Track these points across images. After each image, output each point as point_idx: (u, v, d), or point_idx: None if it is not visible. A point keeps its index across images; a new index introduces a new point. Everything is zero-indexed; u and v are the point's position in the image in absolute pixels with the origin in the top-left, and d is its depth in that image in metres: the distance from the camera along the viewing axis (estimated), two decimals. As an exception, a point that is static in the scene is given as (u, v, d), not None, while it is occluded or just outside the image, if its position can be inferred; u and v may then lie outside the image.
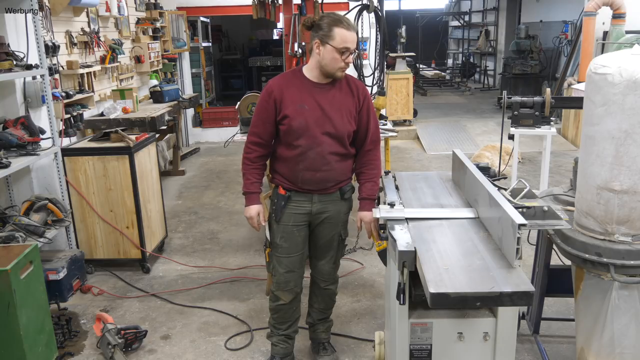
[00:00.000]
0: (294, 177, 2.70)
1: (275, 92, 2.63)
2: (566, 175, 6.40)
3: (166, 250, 4.76)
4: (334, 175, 2.73)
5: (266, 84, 2.71)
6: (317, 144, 2.63)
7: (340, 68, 2.58)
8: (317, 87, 2.65)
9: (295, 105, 2.61)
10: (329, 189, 2.75)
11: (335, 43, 2.51)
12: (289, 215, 2.75)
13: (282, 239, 2.78)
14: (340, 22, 2.51)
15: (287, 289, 2.85)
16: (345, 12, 4.58)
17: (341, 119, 2.66)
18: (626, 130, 2.05)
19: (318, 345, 3.12)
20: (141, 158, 4.29)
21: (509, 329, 2.08)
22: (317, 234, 2.87)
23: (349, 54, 2.55)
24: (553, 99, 4.44)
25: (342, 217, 2.87)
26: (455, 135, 9.08)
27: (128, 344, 3.22)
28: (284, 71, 2.77)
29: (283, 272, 2.82)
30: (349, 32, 2.52)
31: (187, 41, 8.73)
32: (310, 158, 2.64)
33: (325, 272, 2.95)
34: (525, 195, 2.41)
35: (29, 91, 4.12)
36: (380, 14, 4.24)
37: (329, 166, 2.68)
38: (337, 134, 2.66)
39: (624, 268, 2.13)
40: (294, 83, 2.65)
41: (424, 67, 17.37)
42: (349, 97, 2.70)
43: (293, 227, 2.77)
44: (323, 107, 2.63)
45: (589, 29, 7.33)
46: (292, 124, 2.61)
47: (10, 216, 3.77)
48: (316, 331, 3.12)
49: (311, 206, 2.76)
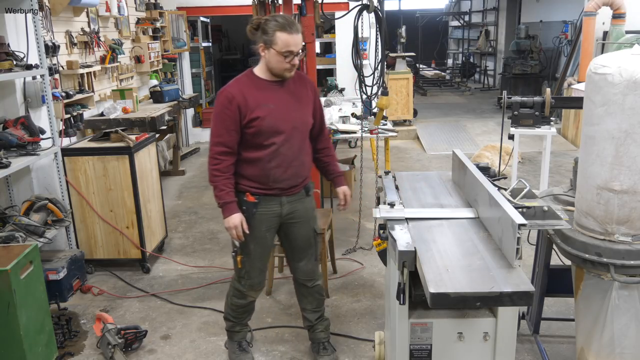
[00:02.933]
0: (265, 177, 2.71)
1: (237, 97, 2.61)
2: (566, 175, 6.40)
3: (166, 250, 4.76)
4: (303, 170, 2.80)
5: (222, 92, 2.67)
6: (288, 140, 2.69)
7: (286, 69, 2.63)
8: (274, 85, 2.70)
9: (261, 106, 2.63)
10: (296, 188, 2.80)
11: (278, 47, 2.56)
12: (260, 221, 2.77)
13: (255, 245, 2.81)
14: (283, 27, 2.55)
15: (259, 289, 2.96)
16: (345, 12, 4.59)
17: (303, 112, 2.77)
18: (626, 130, 2.05)
19: (318, 345, 3.13)
20: (141, 158, 4.29)
21: (509, 329, 2.08)
22: (293, 235, 2.90)
23: (292, 57, 2.59)
24: (553, 99, 4.44)
25: (311, 212, 2.94)
26: (455, 135, 9.08)
27: (128, 344, 3.22)
28: None
29: (257, 274, 2.89)
30: (291, 37, 2.56)
31: (187, 41, 8.73)
32: (282, 154, 2.68)
33: (309, 271, 3.00)
34: (525, 195, 2.41)
35: (29, 91, 4.12)
36: (381, 14, 4.24)
37: (299, 160, 2.76)
38: (303, 126, 2.76)
39: (624, 268, 2.13)
40: (252, 85, 2.67)
41: (424, 67, 17.37)
42: (304, 90, 2.80)
43: (265, 232, 2.81)
44: (285, 104, 2.70)
45: (589, 29, 7.33)
46: (262, 125, 2.62)
47: (10, 216, 3.77)
48: (315, 332, 3.13)
49: (281, 208, 2.79)
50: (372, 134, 4.72)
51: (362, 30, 4.29)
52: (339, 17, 4.77)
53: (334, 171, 3.03)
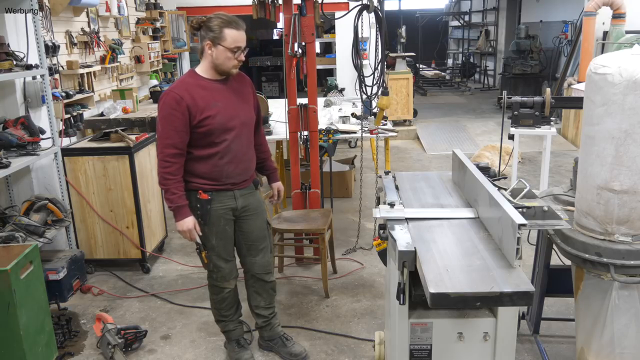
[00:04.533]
0: (217, 173, 2.75)
1: (185, 98, 2.63)
2: (566, 175, 6.40)
3: (166, 250, 4.76)
4: (252, 164, 2.92)
5: (167, 94, 2.67)
6: (238, 136, 2.76)
7: (234, 65, 2.69)
8: (218, 84, 2.74)
9: (210, 105, 2.67)
10: (247, 182, 2.89)
11: (227, 44, 2.61)
12: (217, 217, 2.80)
13: (217, 239, 2.85)
14: (229, 23, 2.61)
15: (232, 277, 2.99)
16: (345, 12, 4.58)
17: (247, 108, 2.85)
18: (626, 130, 2.05)
19: (280, 339, 3.16)
20: (141, 158, 4.29)
21: (509, 329, 2.08)
22: (248, 228, 2.95)
23: (240, 52, 2.66)
24: (553, 99, 4.44)
25: (262, 205, 3.01)
26: (455, 135, 9.08)
27: (128, 344, 3.22)
28: (184, 78, 2.83)
29: (225, 265, 2.93)
30: (238, 32, 2.63)
31: (187, 41, 8.74)
32: (234, 150, 2.75)
33: (266, 263, 3.04)
34: (525, 195, 2.41)
35: (29, 91, 4.12)
36: (381, 14, 4.23)
37: (248, 155, 2.86)
38: (250, 121, 2.86)
39: (624, 268, 2.13)
40: (197, 85, 2.70)
41: (424, 67, 17.37)
42: (245, 87, 2.89)
43: (225, 226, 2.85)
44: (231, 101, 2.76)
45: (589, 29, 7.33)
46: (213, 123, 2.66)
47: (10, 216, 3.78)
48: (273, 327, 3.16)
49: (235, 202, 2.84)
50: (372, 134, 4.72)
51: (362, 30, 4.29)
52: (339, 17, 4.76)
53: (269, 167, 3.15)
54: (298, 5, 3.98)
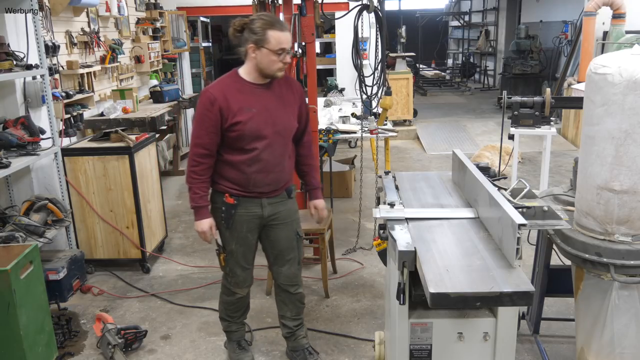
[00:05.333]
0: (245, 181, 2.67)
1: (219, 99, 2.57)
2: (566, 175, 6.40)
3: (166, 250, 4.76)
4: (284, 176, 2.77)
5: (204, 93, 2.63)
6: (270, 145, 2.65)
7: (279, 68, 2.59)
8: (258, 89, 2.65)
9: (243, 110, 2.58)
10: (277, 191, 2.77)
11: (271, 46, 2.52)
12: (240, 223, 2.75)
13: (237, 244, 2.79)
14: (273, 25, 2.52)
15: (245, 285, 2.94)
16: (345, 12, 4.58)
17: (287, 116, 2.71)
18: (626, 130, 2.05)
19: (303, 352, 3.07)
20: (141, 158, 4.29)
21: (509, 329, 2.08)
22: (275, 237, 2.86)
23: (285, 54, 2.56)
24: (553, 99, 4.44)
25: (294, 215, 2.90)
26: (455, 135, 9.08)
27: (128, 344, 3.22)
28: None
29: (241, 272, 2.88)
30: (282, 33, 2.53)
31: (187, 41, 8.73)
32: (264, 160, 2.65)
33: (292, 275, 2.95)
34: (525, 195, 2.41)
35: (29, 91, 4.12)
36: (381, 14, 4.24)
37: (281, 166, 2.72)
38: (287, 131, 2.72)
39: (624, 268, 2.13)
40: (235, 88, 2.62)
41: (424, 67, 17.38)
42: (289, 94, 2.75)
43: (247, 233, 2.78)
44: (269, 108, 2.64)
45: (589, 29, 7.34)
46: (244, 129, 2.58)
47: (10, 216, 3.78)
48: (297, 339, 3.07)
49: (262, 210, 2.75)
50: (372, 134, 4.72)
51: (362, 30, 4.29)
52: (339, 17, 4.76)
53: (310, 183, 2.99)
54: (298, 5, 3.98)
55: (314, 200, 2.97)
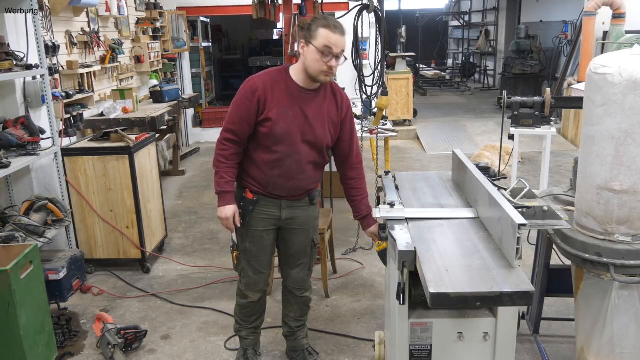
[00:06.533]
0: (265, 181, 2.62)
1: (260, 91, 2.49)
2: (566, 175, 6.40)
3: (166, 250, 4.76)
4: (306, 184, 2.69)
5: (248, 80, 2.55)
6: (296, 152, 2.56)
7: (322, 72, 2.45)
8: (303, 93, 2.54)
9: (279, 109, 2.49)
10: (298, 195, 2.70)
11: (317, 43, 2.40)
12: (257, 220, 2.68)
13: (251, 243, 2.73)
14: (327, 24, 2.40)
15: (256, 290, 2.85)
16: (345, 12, 4.59)
17: (323, 129, 2.60)
18: (626, 130, 2.05)
19: (302, 352, 3.06)
20: (141, 158, 4.29)
21: (509, 329, 2.08)
22: (289, 241, 2.80)
23: (332, 57, 2.41)
24: (553, 99, 4.44)
25: (313, 222, 2.82)
26: (455, 135, 9.08)
27: (128, 344, 3.22)
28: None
29: (253, 274, 2.80)
30: (333, 34, 2.39)
31: (187, 41, 8.73)
32: (286, 165, 2.57)
33: (300, 279, 2.90)
34: (525, 195, 2.41)
35: (29, 91, 4.12)
36: (381, 14, 4.24)
37: (304, 174, 2.64)
38: (317, 143, 2.61)
39: (624, 268, 2.13)
40: (280, 85, 2.52)
41: (424, 67, 17.39)
42: (333, 107, 2.63)
43: (262, 232, 2.71)
44: (307, 115, 2.54)
45: (589, 29, 7.33)
46: (274, 129, 2.50)
47: (10, 216, 3.77)
48: (297, 339, 3.06)
49: (280, 212, 2.70)
50: (372, 134, 4.72)
51: (362, 30, 4.29)
52: (339, 17, 4.76)
53: (361, 209, 2.81)
54: (298, 5, 3.98)
55: (370, 228, 2.77)
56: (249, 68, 13.00)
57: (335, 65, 2.45)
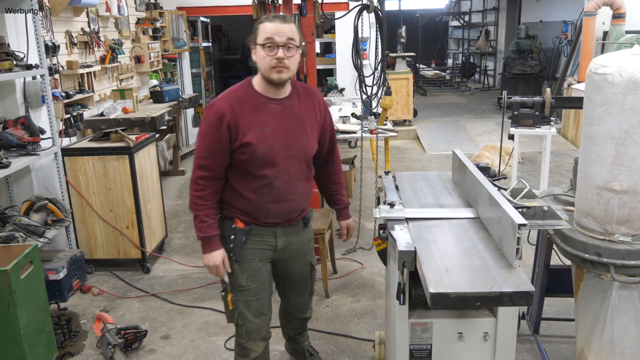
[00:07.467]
0: (256, 211, 2.33)
1: (228, 115, 2.19)
2: (566, 175, 6.40)
3: (166, 250, 4.76)
4: (300, 204, 2.44)
5: (212, 105, 2.25)
6: (284, 172, 2.30)
7: (272, 67, 2.17)
8: (273, 103, 2.27)
9: (255, 130, 2.21)
10: (293, 220, 2.45)
11: (259, 39, 2.17)
12: (252, 252, 2.38)
13: (248, 279, 2.40)
14: (266, 18, 2.20)
15: (259, 337, 2.48)
16: (345, 12, 4.59)
17: (307, 137, 2.35)
18: (626, 130, 2.05)
19: (303, 353, 3.00)
20: (141, 158, 4.29)
21: (509, 329, 2.08)
22: (287, 269, 2.56)
23: (277, 49, 2.14)
24: (553, 99, 4.44)
25: (308, 245, 2.60)
26: (455, 135, 9.08)
27: (128, 344, 3.22)
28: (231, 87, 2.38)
29: (254, 318, 2.44)
30: (271, 23, 2.15)
31: (187, 41, 8.73)
32: (277, 188, 2.30)
33: (301, 305, 2.73)
34: (525, 195, 2.41)
35: (29, 91, 4.12)
36: (381, 14, 4.24)
37: (296, 194, 2.38)
38: (306, 155, 2.38)
39: (624, 268, 2.13)
40: (247, 101, 2.24)
41: (424, 67, 17.39)
42: (310, 109, 2.38)
43: (259, 263, 2.42)
44: (286, 128, 2.28)
45: (589, 29, 7.34)
46: (255, 152, 2.22)
47: (10, 216, 3.78)
48: (298, 342, 2.98)
49: (275, 241, 2.42)
50: (372, 134, 4.72)
51: (362, 30, 4.29)
52: (339, 17, 4.77)
53: (339, 201, 2.70)
54: (298, 5, 3.98)
55: (346, 220, 2.71)
56: (248, 68, 13.01)
57: (285, 57, 2.16)
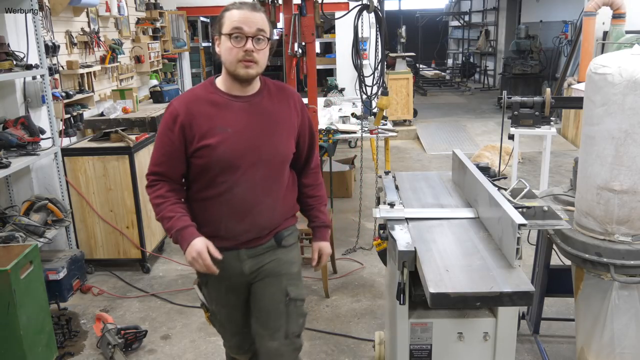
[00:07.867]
0: (215, 227, 2.04)
1: (182, 115, 1.95)
2: (566, 175, 6.40)
3: (166, 250, 4.76)
4: (267, 218, 2.08)
5: (169, 105, 2.03)
6: (246, 179, 1.99)
7: (239, 61, 1.90)
8: (238, 101, 2.00)
9: (215, 130, 1.95)
10: (262, 239, 2.10)
11: (225, 29, 1.90)
12: (218, 280, 2.08)
13: (218, 305, 2.21)
14: (232, 5, 1.94)
15: (242, 352, 2.34)
16: (345, 12, 4.58)
17: (279, 139, 2.04)
18: (626, 130, 2.05)
19: None
20: (141, 158, 4.29)
21: (509, 329, 2.08)
22: (257, 295, 2.16)
23: (245, 40, 1.88)
24: (553, 99, 4.44)
25: (286, 268, 2.16)
26: (455, 135, 9.08)
27: (128, 344, 3.22)
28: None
29: (230, 337, 2.31)
30: (239, 10, 1.90)
31: (187, 41, 8.74)
32: (237, 197, 2.00)
33: (273, 353, 2.15)
34: (525, 195, 2.41)
35: (29, 91, 4.12)
36: (381, 14, 4.24)
37: (263, 205, 2.04)
38: (275, 160, 2.05)
39: (624, 268, 2.13)
40: (207, 100, 1.99)
41: (424, 67, 17.39)
42: (284, 107, 2.08)
43: (226, 293, 2.17)
44: (254, 127, 2.00)
45: (589, 29, 7.34)
46: (212, 155, 1.95)
47: (10, 216, 3.78)
48: None
49: (241, 265, 2.10)
50: (372, 134, 4.72)
51: (362, 30, 4.29)
52: (339, 17, 4.77)
53: (315, 217, 2.27)
54: (298, 5, 3.98)
55: (319, 241, 2.27)
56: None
57: (254, 50, 1.90)
